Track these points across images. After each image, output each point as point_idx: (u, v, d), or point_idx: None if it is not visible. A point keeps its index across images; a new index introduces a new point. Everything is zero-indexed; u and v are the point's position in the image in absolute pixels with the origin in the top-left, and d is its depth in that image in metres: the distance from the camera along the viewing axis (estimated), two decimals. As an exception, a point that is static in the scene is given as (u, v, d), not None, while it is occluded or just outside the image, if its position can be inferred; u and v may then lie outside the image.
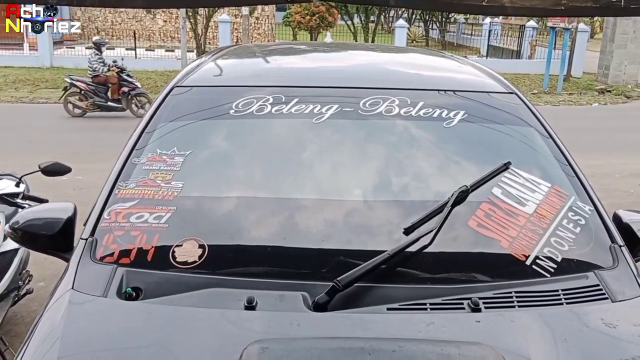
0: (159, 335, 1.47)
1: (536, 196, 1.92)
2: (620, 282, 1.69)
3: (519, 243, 1.78)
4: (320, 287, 1.60)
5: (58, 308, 1.57)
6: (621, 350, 1.44)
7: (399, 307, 1.58)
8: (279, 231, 1.82)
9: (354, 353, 1.35)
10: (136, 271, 1.68)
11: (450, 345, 1.41)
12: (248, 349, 1.36)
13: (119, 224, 1.80)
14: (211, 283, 1.64)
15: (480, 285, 1.67)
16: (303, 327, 1.49)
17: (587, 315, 1.56)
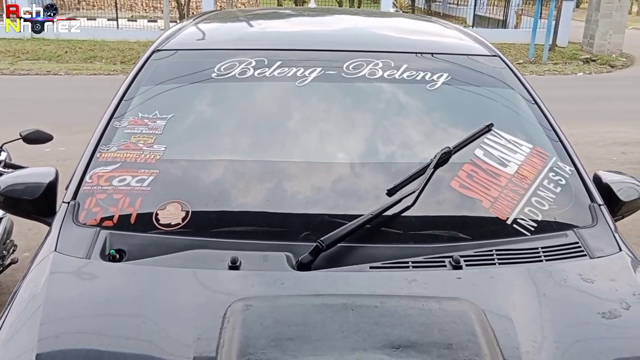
0: (143, 295, 1.48)
1: (518, 157, 1.94)
2: (598, 240, 1.72)
3: (500, 203, 1.80)
4: (303, 247, 1.61)
5: (41, 270, 1.57)
6: (598, 304, 1.48)
7: (382, 266, 1.60)
8: (262, 193, 1.82)
9: (337, 309, 1.37)
10: (119, 233, 1.68)
11: (431, 300, 1.43)
12: (232, 306, 1.37)
13: (101, 187, 1.79)
14: (195, 245, 1.65)
15: (461, 244, 1.69)
16: (287, 286, 1.51)
17: (566, 271, 1.59)
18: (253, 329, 1.29)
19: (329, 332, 1.29)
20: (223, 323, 1.33)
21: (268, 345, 1.24)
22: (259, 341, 1.25)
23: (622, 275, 1.60)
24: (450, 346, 1.25)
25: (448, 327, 1.31)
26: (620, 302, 1.48)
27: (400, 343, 1.25)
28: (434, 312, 1.36)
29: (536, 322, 1.41)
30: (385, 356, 1.22)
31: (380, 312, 1.36)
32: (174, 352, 1.30)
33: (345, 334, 1.28)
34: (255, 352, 1.23)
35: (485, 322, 1.34)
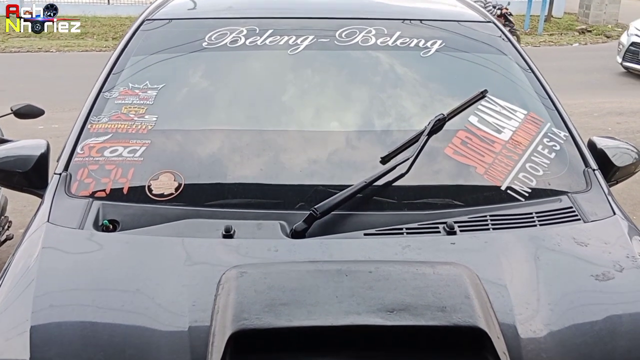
0: (137, 264, 1.47)
1: (512, 123, 1.93)
2: (592, 204, 1.72)
3: (494, 169, 1.80)
4: (297, 215, 1.61)
5: (34, 241, 1.56)
6: (592, 267, 1.48)
7: (376, 233, 1.60)
8: (255, 162, 1.81)
9: (331, 275, 1.37)
10: (112, 204, 1.67)
11: (425, 265, 1.43)
12: (226, 273, 1.37)
13: (93, 158, 1.78)
14: (188, 214, 1.64)
15: (455, 210, 1.69)
16: (281, 253, 1.51)
17: (560, 235, 1.59)
18: (247, 294, 1.29)
19: (323, 297, 1.29)
20: (217, 290, 1.33)
21: (262, 311, 1.24)
22: (253, 306, 1.26)
23: (616, 238, 1.60)
24: (444, 309, 1.25)
25: (442, 291, 1.31)
26: (614, 264, 1.48)
27: (395, 306, 1.26)
28: (428, 276, 1.37)
29: (530, 285, 1.42)
30: (379, 319, 1.22)
31: (374, 277, 1.36)
32: (169, 319, 1.30)
33: (339, 299, 1.28)
34: (250, 317, 1.23)
35: (479, 285, 1.35)
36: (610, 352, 1.28)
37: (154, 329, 1.29)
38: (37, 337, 1.27)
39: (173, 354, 1.23)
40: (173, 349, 1.24)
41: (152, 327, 1.29)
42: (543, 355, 1.24)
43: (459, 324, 1.22)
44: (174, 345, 1.25)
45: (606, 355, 1.27)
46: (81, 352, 1.24)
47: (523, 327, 1.29)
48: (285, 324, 1.22)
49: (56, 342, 1.28)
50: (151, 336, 1.27)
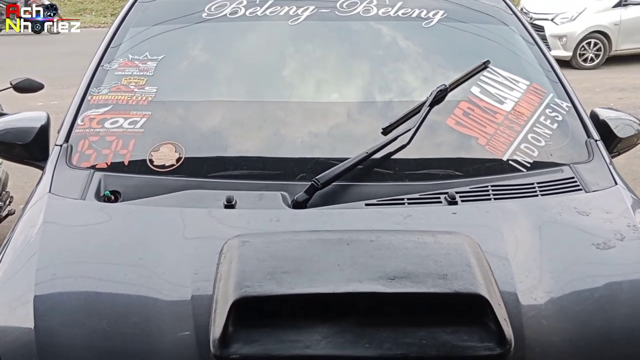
0: (139, 234, 1.48)
1: (514, 94, 1.92)
2: (594, 174, 1.72)
3: (496, 140, 1.79)
4: (299, 186, 1.61)
5: (36, 212, 1.56)
6: (593, 236, 1.48)
7: (377, 203, 1.60)
8: (257, 134, 1.80)
9: (332, 244, 1.37)
10: (113, 175, 1.67)
11: (427, 234, 1.43)
12: (228, 242, 1.37)
13: (94, 129, 1.78)
14: (190, 185, 1.64)
15: (457, 181, 1.69)
16: (282, 223, 1.51)
17: (561, 205, 1.59)
18: (249, 263, 1.30)
19: (325, 266, 1.29)
20: (220, 258, 1.33)
21: (264, 278, 1.25)
22: (255, 274, 1.26)
23: (617, 207, 1.60)
24: (445, 276, 1.26)
25: (443, 259, 1.31)
26: (615, 233, 1.49)
27: (396, 274, 1.26)
28: (429, 244, 1.37)
29: (531, 254, 1.42)
30: (380, 286, 1.23)
31: (375, 246, 1.36)
32: (172, 287, 1.31)
33: (341, 267, 1.29)
34: (252, 284, 1.23)
35: (480, 254, 1.35)
36: (610, 319, 1.29)
37: (156, 297, 1.29)
38: (41, 306, 1.28)
39: (176, 321, 1.23)
40: (176, 317, 1.24)
41: (154, 296, 1.30)
42: (544, 322, 1.25)
43: (460, 291, 1.22)
44: (176, 312, 1.25)
45: (606, 322, 1.28)
46: (84, 320, 1.25)
47: (524, 294, 1.29)
48: (287, 291, 1.22)
49: (59, 311, 1.28)
50: (154, 304, 1.28)
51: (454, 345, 1.16)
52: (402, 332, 1.19)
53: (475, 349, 1.16)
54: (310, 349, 1.15)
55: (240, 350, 1.15)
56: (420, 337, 1.18)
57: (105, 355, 1.19)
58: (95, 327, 1.23)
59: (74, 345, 1.21)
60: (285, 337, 1.17)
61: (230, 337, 1.16)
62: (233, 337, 1.17)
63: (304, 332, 1.18)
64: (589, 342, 1.24)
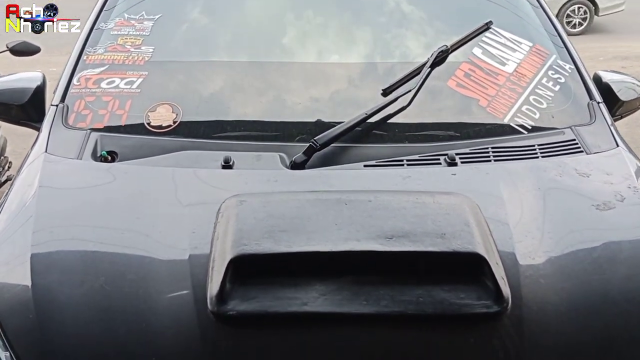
0: (136, 193, 1.47)
1: (517, 55, 1.89)
2: (596, 136, 1.70)
3: (497, 102, 1.77)
4: (297, 148, 1.60)
5: (32, 171, 1.55)
6: (593, 197, 1.47)
7: (376, 164, 1.58)
8: (255, 94, 1.78)
9: (330, 203, 1.36)
10: (110, 135, 1.65)
11: (425, 194, 1.42)
12: (226, 202, 1.37)
13: (90, 89, 1.76)
14: (187, 146, 1.63)
15: (457, 143, 1.67)
16: (280, 183, 1.50)
17: (562, 166, 1.58)
18: (247, 222, 1.29)
19: (323, 225, 1.29)
20: (217, 218, 1.33)
21: (262, 237, 1.24)
22: (252, 233, 1.25)
23: (618, 169, 1.59)
24: (443, 235, 1.25)
25: (441, 219, 1.30)
26: (615, 194, 1.48)
27: (394, 233, 1.25)
28: (428, 205, 1.36)
29: (530, 214, 1.41)
30: (378, 245, 1.22)
31: (374, 206, 1.35)
32: (169, 245, 1.30)
33: (339, 226, 1.28)
34: (249, 243, 1.23)
35: (479, 214, 1.34)
36: (609, 279, 1.28)
37: (154, 255, 1.29)
38: (38, 264, 1.28)
39: (173, 279, 1.23)
40: (173, 274, 1.24)
41: (152, 254, 1.30)
42: (542, 282, 1.24)
43: (458, 250, 1.22)
44: (174, 270, 1.25)
45: (605, 282, 1.27)
46: (82, 277, 1.25)
47: (522, 254, 1.29)
48: (285, 249, 1.21)
49: (57, 269, 1.28)
50: (151, 262, 1.28)
51: (451, 302, 1.16)
52: (399, 290, 1.19)
53: (472, 306, 1.16)
54: (307, 306, 1.15)
55: (237, 307, 1.15)
56: (418, 295, 1.18)
57: (103, 312, 1.19)
58: (92, 285, 1.23)
59: (72, 302, 1.21)
60: (283, 295, 1.17)
61: (228, 294, 1.16)
62: (230, 294, 1.17)
63: (301, 289, 1.18)
64: (587, 302, 1.24)
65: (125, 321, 1.17)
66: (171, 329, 1.15)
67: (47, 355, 1.13)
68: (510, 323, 1.16)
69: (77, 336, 1.15)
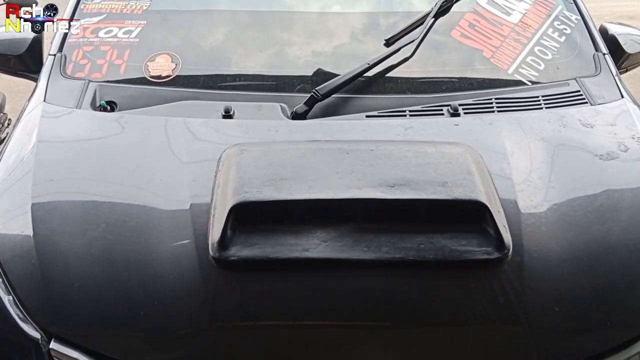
0: (136, 142, 1.46)
1: (522, 5, 1.85)
2: (600, 88, 1.68)
3: (502, 52, 1.75)
4: (298, 98, 1.58)
5: (31, 120, 1.54)
6: (596, 147, 1.46)
7: (378, 115, 1.57)
8: (255, 44, 1.76)
9: (332, 153, 1.35)
10: (109, 85, 1.64)
11: (428, 144, 1.41)
12: (226, 151, 1.36)
13: (88, 39, 1.73)
14: (186, 96, 1.62)
15: (460, 94, 1.66)
16: (281, 133, 1.49)
17: (565, 117, 1.56)
18: (248, 170, 1.28)
19: (324, 173, 1.28)
20: (218, 166, 1.32)
21: (263, 185, 1.23)
22: (254, 181, 1.25)
23: (622, 120, 1.57)
24: (445, 184, 1.24)
25: (444, 167, 1.30)
26: (619, 144, 1.46)
27: (395, 182, 1.25)
28: (430, 154, 1.35)
29: (533, 164, 1.40)
30: (379, 193, 1.22)
31: (375, 155, 1.34)
32: (170, 193, 1.30)
33: (340, 175, 1.27)
34: (251, 190, 1.22)
35: (481, 163, 1.33)
36: (610, 227, 1.28)
37: (155, 202, 1.29)
38: (39, 212, 1.27)
39: (174, 226, 1.23)
40: (174, 221, 1.24)
41: (153, 201, 1.29)
42: (543, 229, 1.24)
43: (459, 197, 1.21)
44: (175, 217, 1.25)
45: (606, 230, 1.27)
46: (82, 224, 1.24)
47: (524, 202, 1.28)
48: (286, 197, 1.21)
49: (57, 216, 1.28)
50: (152, 210, 1.28)
51: (452, 249, 1.16)
52: (400, 237, 1.18)
53: (473, 253, 1.16)
54: (308, 252, 1.15)
55: (238, 253, 1.15)
56: (419, 242, 1.18)
57: (104, 257, 1.19)
58: (93, 231, 1.22)
59: (73, 248, 1.21)
60: (284, 241, 1.17)
61: (229, 241, 1.16)
62: (232, 240, 1.17)
63: (302, 236, 1.18)
64: (588, 249, 1.24)
65: (126, 266, 1.17)
66: (173, 274, 1.15)
67: (49, 299, 1.14)
68: (510, 269, 1.16)
69: (78, 280, 1.15)
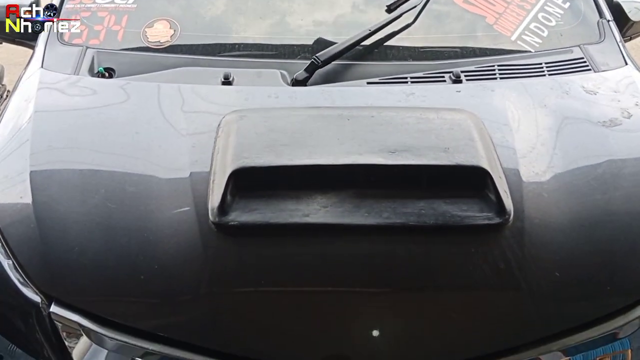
0: (135, 108, 1.45)
1: None
2: (604, 55, 1.66)
3: (505, 19, 1.72)
4: (298, 65, 1.57)
5: (28, 86, 1.53)
6: (599, 114, 1.45)
7: (379, 81, 1.56)
8: (255, 10, 1.73)
9: (332, 119, 1.34)
10: (107, 51, 1.62)
11: (429, 110, 1.40)
12: (226, 117, 1.35)
13: (85, 5, 1.71)
14: (185, 62, 1.60)
15: (462, 60, 1.64)
16: (281, 99, 1.48)
17: (569, 84, 1.55)
18: (248, 136, 1.27)
19: (325, 139, 1.27)
20: (217, 132, 1.31)
21: (263, 150, 1.23)
22: (254, 147, 1.24)
23: (626, 87, 1.56)
24: (446, 149, 1.23)
25: (445, 133, 1.29)
26: (622, 111, 1.45)
27: (396, 147, 1.24)
28: (432, 120, 1.34)
29: (535, 130, 1.39)
30: (380, 159, 1.21)
31: (376, 121, 1.33)
32: (169, 159, 1.29)
33: (340, 141, 1.27)
34: (251, 156, 1.21)
35: (483, 129, 1.32)
36: (612, 194, 1.27)
37: (154, 168, 1.28)
38: (38, 180, 1.26)
39: (174, 192, 1.22)
40: (174, 187, 1.23)
41: (152, 167, 1.28)
42: (544, 195, 1.23)
43: (461, 163, 1.21)
44: (174, 183, 1.24)
45: (607, 196, 1.26)
46: (81, 190, 1.24)
47: (526, 168, 1.28)
48: (286, 162, 1.20)
49: (56, 182, 1.27)
50: (152, 175, 1.27)
51: (452, 214, 1.16)
52: (401, 203, 1.18)
53: (474, 218, 1.15)
54: (309, 217, 1.15)
55: (238, 218, 1.14)
56: (420, 207, 1.17)
57: (104, 222, 1.18)
58: (93, 197, 1.22)
59: (72, 213, 1.20)
60: (284, 207, 1.17)
61: (229, 206, 1.16)
62: (232, 205, 1.16)
63: (302, 202, 1.18)
64: (590, 215, 1.23)
65: (126, 231, 1.17)
66: (173, 239, 1.15)
67: (49, 263, 1.14)
68: (511, 235, 1.16)
69: (78, 245, 1.15)
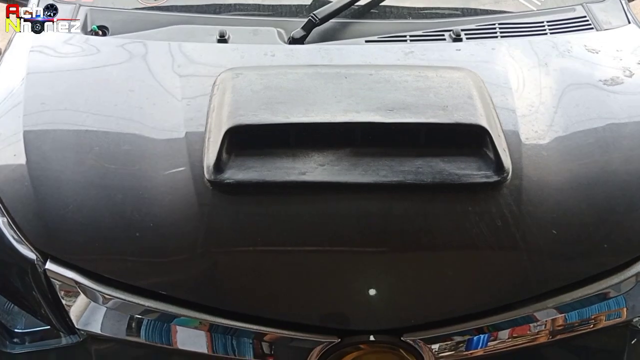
0: (129, 66, 1.43)
1: None
2: (607, 13, 1.64)
3: None
4: (295, 23, 1.55)
5: (21, 44, 1.50)
6: (601, 72, 1.43)
7: (378, 40, 1.54)
8: None
9: (330, 77, 1.32)
10: (100, 9, 1.60)
11: (428, 68, 1.38)
12: (221, 75, 1.33)
13: None
14: (180, 20, 1.58)
15: (462, 19, 1.62)
16: (278, 58, 1.45)
17: (570, 42, 1.52)
18: (243, 94, 1.26)
19: (322, 97, 1.25)
20: (212, 90, 1.29)
21: (259, 108, 1.21)
22: (249, 104, 1.22)
23: (629, 45, 1.54)
24: (445, 107, 1.22)
25: (444, 91, 1.27)
26: (624, 70, 1.43)
27: (394, 105, 1.22)
28: (431, 78, 1.32)
29: (535, 89, 1.37)
30: (378, 117, 1.19)
31: (374, 79, 1.31)
32: (164, 117, 1.27)
33: (338, 99, 1.25)
34: (246, 113, 1.20)
35: (483, 87, 1.30)
36: (611, 153, 1.26)
37: (149, 126, 1.26)
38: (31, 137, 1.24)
39: (169, 149, 1.21)
40: (169, 145, 1.22)
41: (146, 125, 1.27)
42: (543, 153, 1.22)
43: (459, 121, 1.19)
44: (169, 141, 1.23)
45: (607, 154, 1.25)
46: (76, 148, 1.22)
47: (525, 127, 1.26)
48: (283, 120, 1.19)
49: (50, 141, 1.25)
50: (146, 133, 1.26)
51: (450, 172, 1.15)
52: (398, 161, 1.17)
53: (471, 176, 1.14)
54: (305, 175, 1.14)
55: (234, 176, 1.13)
56: (417, 165, 1.16)
57: (98, 180, 1.17)
58: (87, 154, 1.20)
59: (67, 171, 1.19)
60: (281, 165, 1.16)
61: (225, 164, 1.15)
62: (227, 163, 1.15)
63: (299, 160, 1.17)
64: (588, 173, 1.22)
65: (121, 189, 1.16)
66: (168, 197, 1.14)
67: (44, 220, 1.13)
68: (509, 193, 1.15)
69: (72, 202, 1.14)
